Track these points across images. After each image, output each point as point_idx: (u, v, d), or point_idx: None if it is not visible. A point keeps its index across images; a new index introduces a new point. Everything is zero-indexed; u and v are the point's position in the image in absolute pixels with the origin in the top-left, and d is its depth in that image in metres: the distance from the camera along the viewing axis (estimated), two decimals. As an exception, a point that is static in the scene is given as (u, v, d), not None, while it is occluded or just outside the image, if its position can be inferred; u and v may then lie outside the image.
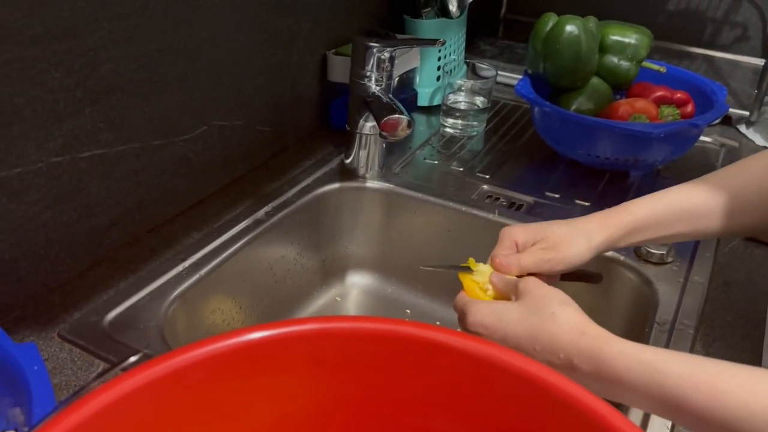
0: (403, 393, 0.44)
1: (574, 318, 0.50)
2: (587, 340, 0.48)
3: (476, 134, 1.06)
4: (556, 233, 0.60)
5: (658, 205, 0.62)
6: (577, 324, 0.49)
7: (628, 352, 0.46)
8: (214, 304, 0.75)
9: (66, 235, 0.68)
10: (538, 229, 0.61)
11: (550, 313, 0.50)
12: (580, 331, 0.49)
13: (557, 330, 0.49)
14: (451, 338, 0.42)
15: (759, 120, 1.12)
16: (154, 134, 0.74)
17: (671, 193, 0.63)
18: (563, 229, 0.61)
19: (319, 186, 0.90)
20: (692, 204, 0.61)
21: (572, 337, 0.49)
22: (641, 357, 0.45)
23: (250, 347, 0.40)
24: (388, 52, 0.83)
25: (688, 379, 0.43)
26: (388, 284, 0.95)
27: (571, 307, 0.51)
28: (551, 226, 0.62)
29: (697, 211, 0.61)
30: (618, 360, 0.46)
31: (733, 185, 0.61)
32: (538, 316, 0.50)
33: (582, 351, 0.48)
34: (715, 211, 0.60)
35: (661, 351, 0.46)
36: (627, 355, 0.46)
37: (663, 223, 0.61)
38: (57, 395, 0.57)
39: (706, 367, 0.44)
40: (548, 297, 0.52)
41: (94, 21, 0.63)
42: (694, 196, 0.62)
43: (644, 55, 0.96)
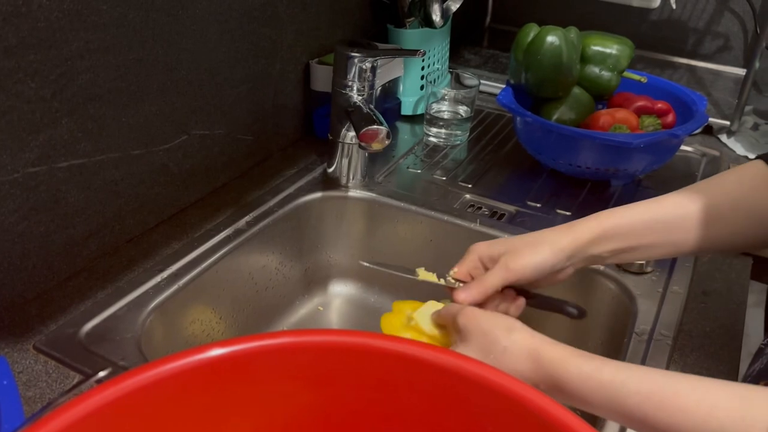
0: (379, 406, 0.44)
1: (525, 345, 0.50)
2: (545, 366, 0.49)
3: (459, 143, 1.06)
4: (517, 243, 0.61)
5: (627, 213, 0.62)
6: (530, 351, 0.50)
7: (587, 375, 0.47)
8: (194, 314, 0.75)
9: (43, 245, 0.67)
10: (500, 243, 0.62)
11: (502, 349, 0.51)
12: (536, 358, 0.49)
13: (514, 364, 0.50)
14: (425, 352, 0.42)
15: (740, 130, 1.13)
16: (133, 144, 0.74)
17: (642, 204, 0.63)
18: (526, 238, 0.62)
19: (302, 195, 0.90)
20: (663, 214, 0.61)
21: (530, 367, 0.49)
22: (600, 378, 0.46)
23: (221, 362, 0.40)
24: (370, 62, 0.83)
25: (647, 399, 0.44)
26: (371, 293, 0.95)
27: (519, 333, 0.51)
28: (514, 239, 0.62)
29: (668, 221, 0.61)
30: (578, 383, 0.47)
31: (706, 197, 0.61)
32: (492, 356, 0.51)
33: (544, 378, 0.48)
34: (687, 222, 0.60)
35: (620, 369, 0.46)
36: (586, 378, 0.47)
37: (632, 232, 0.61)
38: (30, 408, 0.57)
39: (666, 385, 0.44)
40: (492, 331, 0.52)
41: (71, 31, 0.63)
42: (666, 207, 0.61)
43: (625, 66, 0.97)
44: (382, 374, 0.43)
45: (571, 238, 0.61)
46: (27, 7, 0.59)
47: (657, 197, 0.63)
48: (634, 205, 0.63)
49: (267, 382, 0.42)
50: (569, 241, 0.60)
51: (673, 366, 0.67)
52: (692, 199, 0.61)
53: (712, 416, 0.42)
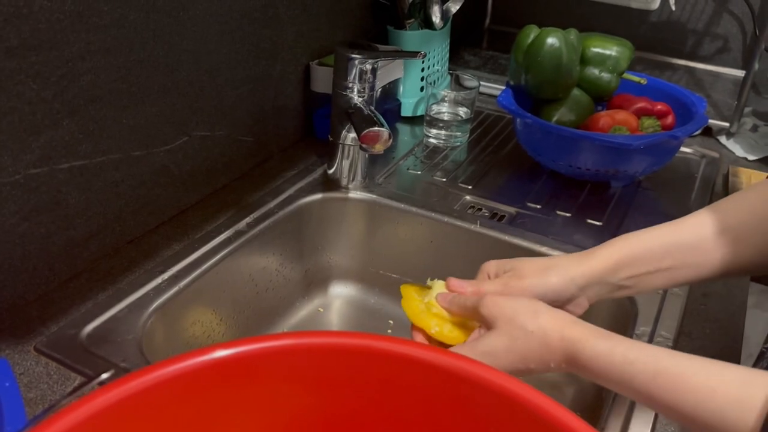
0: (380, 408, 0.44)
1: (550, 325, 0.52)
2: (566, 345, 0.51)
3: (459, 145, 1.06)
4: (526, 265, 0.60)
5: (645, 237, 0.60)
6: (554, 331, 0.52)
7: (601, 354, 0.49)
8: (194, 316, 0.75)
9: (44, 247, 0.67)
10: (511, 261, 0.62)
11: (529, 333, 0.52)
12: (560, 337, 0.51)
13: (541, 346, 0.52)
14: (426, 353, 0.43)
15: (739, 131, 1.13)
16: (134, 145, 0.74)
17: (660, 227, 0.61)
18: (537, 262, 0.61)
19: (302, 196, 0.90)
20: (682, 237, 0.59)
21: (553, 346, 0.52)
22: (612, 359, 0.49)
23: (225, 363, 0.40)
24: (370, 63, 0.83)
25: (653, 379, 0.47)
26: (371, 295, 0.95)
27: (544, 315, 0.53)
28: (526, 260, 0.61)
29: (688, 244, 0.59)
30: (592, 363, 0.50)
31: (726, 218, 0.59)
32: (521, 340, 0.52)
33: (565, 356, 0.51)
34: (707, 244, 0.58)
35: (632, 349, 0.49)
36: (599, 357, 0.49)
37: (650, 256, 0.59)
38: (32, 410, 0.57)
39: (671, 366, 0.47)
40: (518, 315, 0.53)
41: (73, 32, 0.63)
42: (685, 230, 0.60)
43: (625, 67, 0.97)
44: (383, 376, 0.43)
45: (585, 266, 0.59)
46: (28, 9, 0.59)
47: (676, 220, 0.61)
48: (652, 228, 0.61)
49: (269, 384, 0.42)
50: (582, 270, 0.59)
51: (673, 367, 0.67)
52: (712, 220, 0.59)
53: (713, 398, 0.44)
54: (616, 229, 0.88)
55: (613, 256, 0.59)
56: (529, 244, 0.84)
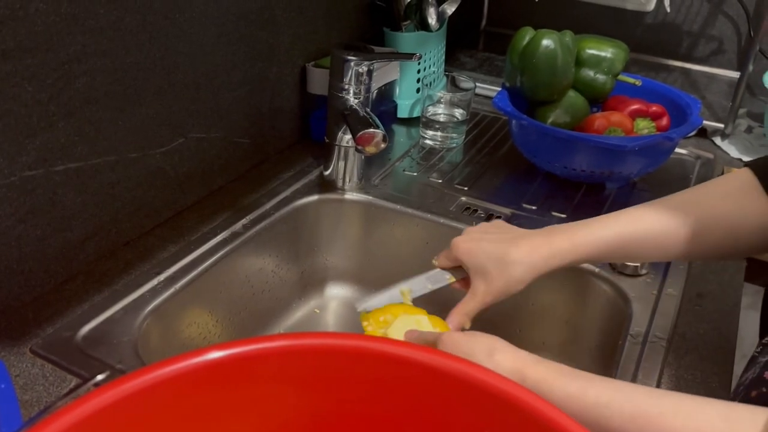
0: (375, 409, 0.44)
1: (508, 366, 0.50)
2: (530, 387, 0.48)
3: (455, 146, 1.06)
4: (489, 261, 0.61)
5: (605, 231, 0.61)
6: (514, 373, 0.50)
7: (571, 398, 0.47)
8: (190, 317, 0.75)
9: (40, 249, 0.67)
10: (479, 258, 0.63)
11: None
12: (521, 379, 0.49)
13: None
14: (421, 354, 0.43)
15: (734, 132, 1.14)
16: (130, 147, 0.74)
17: (622, 218, 0.62)
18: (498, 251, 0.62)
19: (298, 198, 0.90)
20: (641, 230, 0.61)
21: None
22: (585, 401, 0.46)
23: (219, 365, 0.40)
24: (366, 65, 0.83)
25: (631, 421, 0.44)
26: (367, 296, 0.95)
27: (501, 354, 0.51)
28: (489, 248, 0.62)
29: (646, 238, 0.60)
30: (563, 405, 0.46)
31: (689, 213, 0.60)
32: None
33: None
34: (667, 238, 0.60)
35: (605, 389, 0.46)
36: (571, 399, 0.47)
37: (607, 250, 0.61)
38: (27, 412, 0.57)
39: (650, 407, 0.44)
40: (473, 355, 0.52)
41: (68, 35, 0.63)
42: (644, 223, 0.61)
43: (620, 69, 0.97)
44: (378, 377, 0.43)
45: (546, 255, 0.61)
46: (24, 11, 0.59)
47: (636, 208, 0.62)
48: (614, 217, 0.62)
49: (264, 385, 0.42)
50: (543, 261, 0.61)
51: (667, 368, 0.67)
52: (674, 214, 0.60)
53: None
54: (611, 230, 0.88)
55: (571, 252, 0.61)
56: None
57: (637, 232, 0.61)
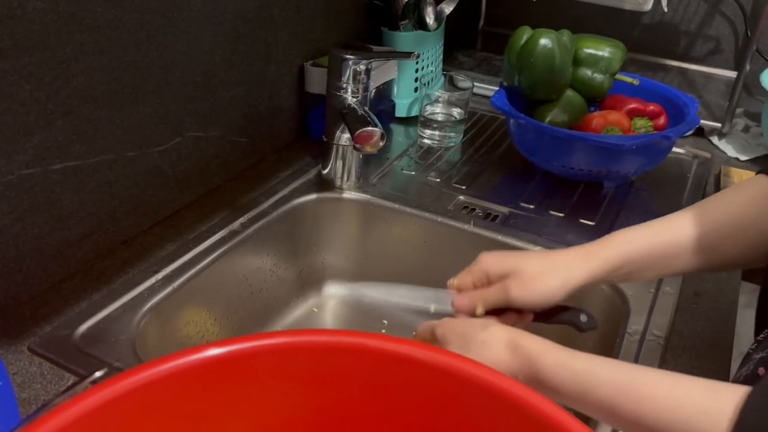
0: (374, 406, 0.45)
1: (503, 336, 0.51)
2: (522, 354, 0.50)
3: (453, 145, 1.07)
4: (529, 268, 0.58)
5: (641, 238, 0.60)
6: (508, 341, 0.51)
7: (561, 363, 0.48)
8: (188, 316, 0.75)
9: (37, 247, 0.67)
10: (512, 261, 0.59)
11: (480, 342, 0.51)
12: (513, 347, 0.50)
13: (495, 355, 0.51)
14: (420, 351, 0.43)
15: (731, 132, 1.14)
16: (127, 146, 0.74)
17: (653, 227, 0.61)
18: (539, 263, 0.59)
19: (296, 197, 0.90)
20: (673, 237, 0.60)
21: (508, 358, 0.50)
22: (574, 368, 0.47)
23: (217, 362, 0.40)
24: (364, 64, 0.84)
25: (617, 389, 0.45)
26: (365, 295, 0.95)
27: (494, 327, 0.52)
28: (526, 259, 0.59)
29: (678, 244, 0.59)
30: (552, 371, 0.48)
31: (711, 218, 0.60)
32: (472, 351, 0.51)
33: (520, 366, 0.49)
34: (694, 244, 0.59)
35: (593, 360, 0.48)
36: (560, 366, 0.48)
37: (646, 257, 0.60)
38: (25, 410, 0.57)
39: (635, 376, 0.46)
40: (468, 330, 0.52)
41: (66, 33, 0.63)
42: (675, 229, 0.60)
43: (617, 68, 0.97)
44: (377, 374, 0.43)
45: (585, 271, 0.58)
46: (22, 10, 0.59)
47: (664, 218, 0.62)
48: (646, 228, 0.61)
49: (263, 383, 0.42)
50: (583, 274, 0.58)
51: (665, 366, 0.67)
52: (700, 220, 0.60)
53: (679, 407, 0.43)
54: (608, 229, 0.88)
55: (611, 259, 0.59)
56: (522, 244, 0.84)
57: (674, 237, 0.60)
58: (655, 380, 0.45)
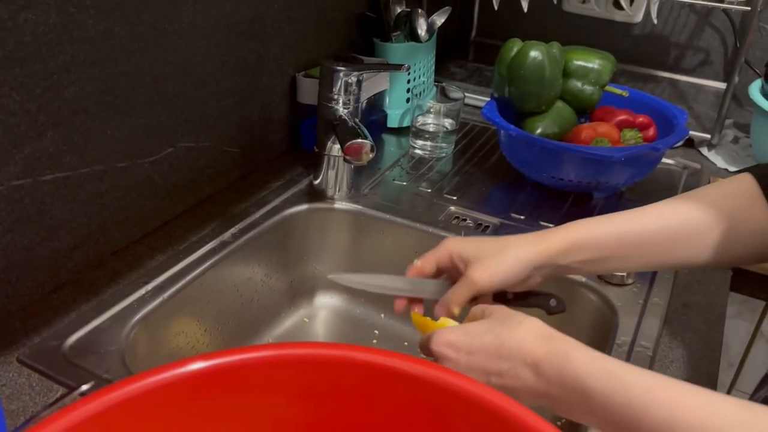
0: (362, 418, 0.45)
1: (540, 325, 0.50)
2: (554, 343, 0.48)
3: (445, 156, 1.07)
4: (486, 251, 0.61)
5: (600, 225, 0.62)
6: (544, 330, 0.50)
7: (594, 359, 0.46)
8: (178, 327, 0.75)
9: (27, 258, 0.67)
10: (472, 244, 0.62)
11: (516, 322, 0.51)
12: (547, 336, 0.49)
13: (524, 335, 0.49)
14: (406, 364, 0.43)
15: (720, 143, 1.15)
16: (118, 156, 0.74)
17: (619, 215, 0.62)
18: (494, 245, 0.61)
19: (288, 207, 0.91)
20: (639, 226, 0.61)
21: (539, 342, 0.49)
22: (606, 365, 0.46)
23: (204, 375, 0.40)
24: (355, 76, 0.84)
25: (650, 391, 0.43)
26: (357, 305, 0.96)
27: (537, 320, 0.52)
28: (485, 244, 0.62)
29: (645, 233, 0.60)
30: (583, 365, 0.46)
31: (689, 211, 0.60)
32: (505, 326, 0.51)
33: (548, 354, 0.48)
34: (663, 236, 0.60)
35: (625, 363, 0.47)
36: (592, 361, 0.46)
37: (603, 243, 0.61)
38: (13, 422, 0.57)
39: (669, 382, 0.44)
40: (512, 313, 0.53)
41: (57, 45, 0.63)
42: (643, 219, 0.61)
43: (607, 80, 0.98)
44: (364, 386, 0.43)
45: (540, 249, 0.61)
46: (13, 21, 0.59)
47: (638, 208, 0.62)
48: (611, 215, 0.63)
49: (250, 395, 0.42)
50: (536, 252, 0.60)
51: (653, 377, 0.67)
52: (674, 212, 0.60)
53: (715, 417, 0.41)
54: (598, 239, 0.88)
55: (565, 240, 0.61)
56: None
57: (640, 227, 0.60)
58: (690, 391, 0.43)
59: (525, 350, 0.49)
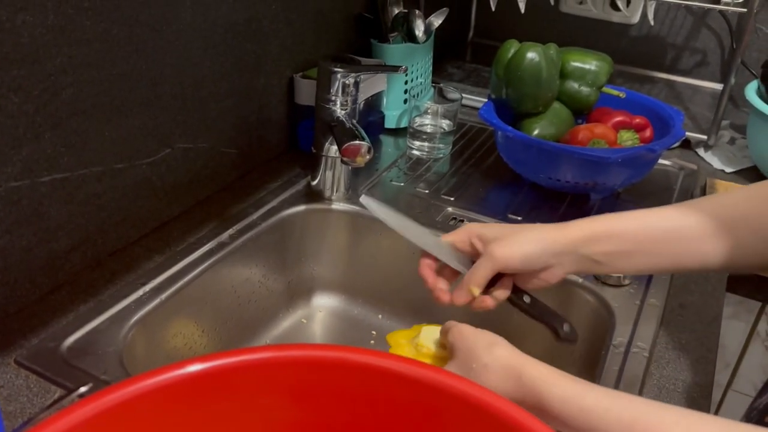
0: (359, 420, 0.45)
1: (506, 363, 0.50)
2: (527, 384, 0.48)
3: (442, 157, 1.07)
4: (507, 231, 0.60)
5: (623, 218, 0.60)
6: (511, 369, 0.49)
7: (570, 399, 0.46)
8: (176, 328, 0.75)
9: (25, 259, 0.67)
10: (493, 227, 0.62)
11: (482, 366, 0.50)
12: (517, 376, 0.49)
13: (495, 381, 0.49)
14: (403, 366, 0.43)
15: (717, 144, 1.15)
16: (116, 158, 0.74)
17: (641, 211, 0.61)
18: (516, 228, 0.61)
19: (285, 208, 0.91)
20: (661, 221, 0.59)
21: (511, 386, 0.49)
22: (582, 404, 0.45)
23: (201, 377, 0.40)
24: (353, 77, 0.84)
25: (630, 427, 0.43)
26: (354, 306, 0.96)
27: (500, 350, 0.51)
28: (505, 226, 0.62)
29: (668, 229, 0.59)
30: (559, 406, 0.46)
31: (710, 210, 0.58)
32: (473, 372, 0.50)
33: (524, 396, 0.48)
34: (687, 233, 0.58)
35: (604, 396, 0.46)
36: (568, 403, 0.46)
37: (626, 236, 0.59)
38: (11, 423, 0.57)
39: (650, 414, 0.43)
40: (475, 348, 0.52)
41: (55, 47, 0.64)
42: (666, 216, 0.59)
43: (604, 81, 0.98)
44: (361, 388, 0.44)
45: (561, 234, 0.60)
46: (11, 23, 0.59)
47: (659, 207, 0.61)
48: (633, 211, 0.61)
49: (247, 397, 0.43)
50: (557, 237, 0.59)
51: (649, 378, 0.68)
52: (697, 210, 0.59)
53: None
54: (595, 240, 0.89)
55: (588, 227, 0.60)
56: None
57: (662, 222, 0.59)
58: (672, 419, 0.43)
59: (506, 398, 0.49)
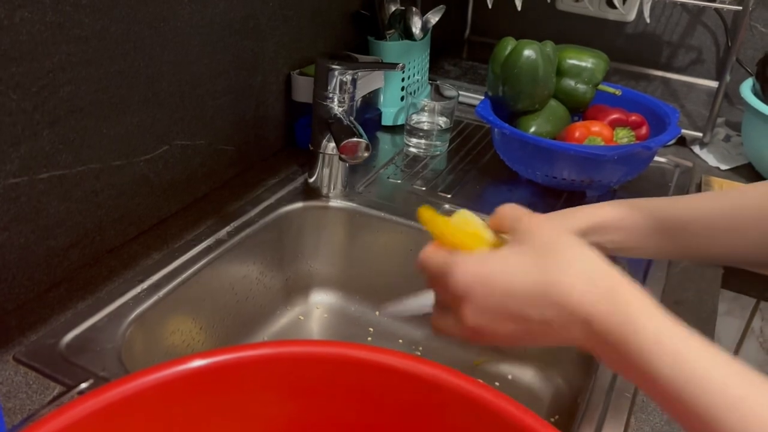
0: (357, 416, 0.45)
1: (597, 266, 0.41)
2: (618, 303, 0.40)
3: (439, 154, 1.08)
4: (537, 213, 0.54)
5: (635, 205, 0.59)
6: (603, 274, 0.41)
7: (665, 343, 0.39)
8: (174, 325, 0.75)
9: (23, 256, 0.67)
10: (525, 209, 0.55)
11: (564, 262, 0.42)
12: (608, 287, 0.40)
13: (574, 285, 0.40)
14: (402, 362, 0.43)
15: (712, 141, 1.16)
16: (114, 155, 0.74)
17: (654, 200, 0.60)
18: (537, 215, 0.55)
19: (283, 205, 0.91)
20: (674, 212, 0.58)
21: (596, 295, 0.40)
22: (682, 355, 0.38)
23: (201, 373, 0.41)
24: (350, 74, 0.84)
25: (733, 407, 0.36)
26: (352, 303, 0.96)
27: (590, 249, 0.43)
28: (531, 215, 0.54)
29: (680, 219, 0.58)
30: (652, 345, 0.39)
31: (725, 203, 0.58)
32: (553, 261, 0.42)
33: (610, 316, 0.40)
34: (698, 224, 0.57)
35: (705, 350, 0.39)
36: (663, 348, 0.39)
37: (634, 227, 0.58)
38: (10, 419, 0.57)
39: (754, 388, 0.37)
40: (557, 239, 0.43)
41: (53, 44, 0.64)
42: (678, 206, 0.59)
43: (600, 79, 0.99)
44: (360, 384, 0.44)
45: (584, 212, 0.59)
46: (9, 20, 0.59)
47: (674, 197, 0.61)
48: (645, 199, 0.60)
49: (247, 393, 0.43)
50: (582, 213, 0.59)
51: (645, 373, 0.68)
52: (712, 201, 0.58)
53: None
54: (591, 237, 0.89)
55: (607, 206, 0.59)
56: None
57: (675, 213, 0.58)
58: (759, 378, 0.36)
59: (579, 303, 0.40)
